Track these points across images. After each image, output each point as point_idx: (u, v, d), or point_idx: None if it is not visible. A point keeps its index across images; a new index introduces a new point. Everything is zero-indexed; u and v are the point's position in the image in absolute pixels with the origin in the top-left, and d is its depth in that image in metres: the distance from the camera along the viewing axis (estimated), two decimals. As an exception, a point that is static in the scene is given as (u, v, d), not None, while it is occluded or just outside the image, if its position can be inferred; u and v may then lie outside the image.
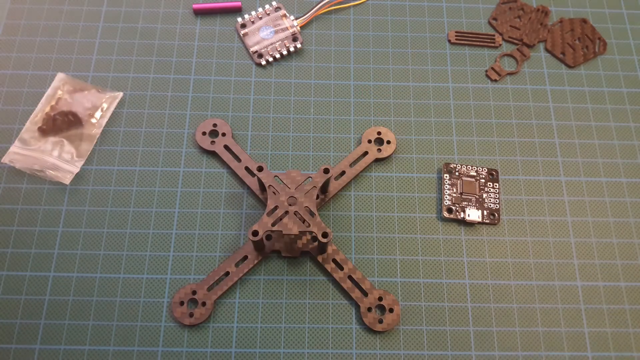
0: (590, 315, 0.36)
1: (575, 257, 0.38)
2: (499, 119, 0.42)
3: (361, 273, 0.36)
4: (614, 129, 0.42)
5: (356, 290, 0.35)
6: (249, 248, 0.36)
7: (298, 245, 0.36)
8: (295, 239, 0.36)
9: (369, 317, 0.35)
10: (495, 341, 0.35)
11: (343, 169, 0.39)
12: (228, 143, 0.40)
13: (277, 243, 0.36)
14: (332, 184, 0.38)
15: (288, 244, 0.36)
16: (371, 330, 0.35)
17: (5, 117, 0.41)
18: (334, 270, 0.36)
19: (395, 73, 0.44)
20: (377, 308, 0.35)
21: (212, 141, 0.40)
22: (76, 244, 0.37)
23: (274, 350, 0.35)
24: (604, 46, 0.45)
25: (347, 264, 0.36)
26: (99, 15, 0.45)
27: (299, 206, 0.33)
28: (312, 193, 0.34)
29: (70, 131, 0.40)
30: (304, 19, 0.44)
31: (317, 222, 0.33)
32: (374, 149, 0.40)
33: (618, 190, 0.40)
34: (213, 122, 0.40)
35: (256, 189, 0.38)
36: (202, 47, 0.44)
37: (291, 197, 0.34)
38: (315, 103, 0.42)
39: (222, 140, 0.40)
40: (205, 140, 0.40)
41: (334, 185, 0.38)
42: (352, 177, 0.39)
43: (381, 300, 0.35)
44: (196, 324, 0.35)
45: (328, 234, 0.32)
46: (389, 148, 0.40)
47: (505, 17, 0.46)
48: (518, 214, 0.39)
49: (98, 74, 0.42)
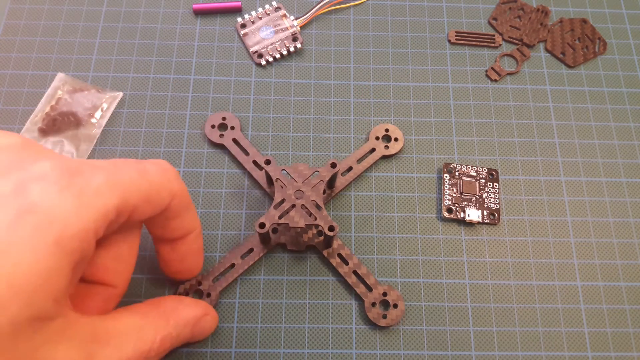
0: (590, 315, 0.36)
1: (575, 257, 0.38)
2: (499, 119, 0.42)
3: (366, 268, 0.36)
4: (614, 129, 0.42)
5: (361, 285, 0.35)
6: (255, 241, 0.36)
7: (304, 239, 0.36)
8: (302, 232, 0.36)
9: (373, 312, 0.35)
10: (495, 341, 0.35)
11: (350, 164, 0.39)
12: (236, 137, 0.40)
13: (282, 236, 0.36)
14: (338, 180, 0.39)
15: (294, 237, 0.36)
16: (373, 328, 0.35)
17: (5, 117, 0.41)
18: (339, 265, 0.36)
19: (395, 73, 0.44)
20: (381, 303, 0.35)
21: (221, 134, 0.40)
22: (76, 244, 0.37)
23: (274, 350, 0.35)
24: (604, 46, 0.45)
25: (352, 259, 0.36)
26: (99, 15, 0.45)
27: (305, 199, 0.34)
28: (319, 187, 0.34)
29: (70, 131, 0.40)
30: (304, 19, 0.44)
31: (324, 215, 0.33)
32: (382, 146, 0.40)
33: (618, 190, 0.40)
34: (222, 116, 0.40)
35: (263, 182, 0.38)
36: (202, 47, 0.44)
37: (298, 191, 0.34)
38: (315, 103, 0.42)
39: (231, 133, 0.40)
40: (214, 133, 0.40)
41: (341, 181, 0.39)
42: (359, 173, 0.39)
43: (385, 296, 0.35)
44: None
45: (334, 227, 0.33)
46: (396, 145, 0.40)
47: (505, 17, 0.46)
48: (518, 214, 0.39)
49: (98, 74, 0.42)
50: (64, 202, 0.22)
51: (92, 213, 0.22)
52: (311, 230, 0.36)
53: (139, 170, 0.26)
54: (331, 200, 0.39)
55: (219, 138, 0.40)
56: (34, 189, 0.21)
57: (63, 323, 0.23)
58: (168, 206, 0.27)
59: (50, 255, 0.21)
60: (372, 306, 0.35)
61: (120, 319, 0.26)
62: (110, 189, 0.24)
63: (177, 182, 0.28)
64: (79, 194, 0.22)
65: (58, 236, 0.21)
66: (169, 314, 0.29)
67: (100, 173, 0.24)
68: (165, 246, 0.31)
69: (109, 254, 0.28)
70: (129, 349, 0.25)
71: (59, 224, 0.21)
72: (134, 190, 0.25)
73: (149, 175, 0.26)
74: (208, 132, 0.40)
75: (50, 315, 0.21)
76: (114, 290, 0.28)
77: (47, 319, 0.21)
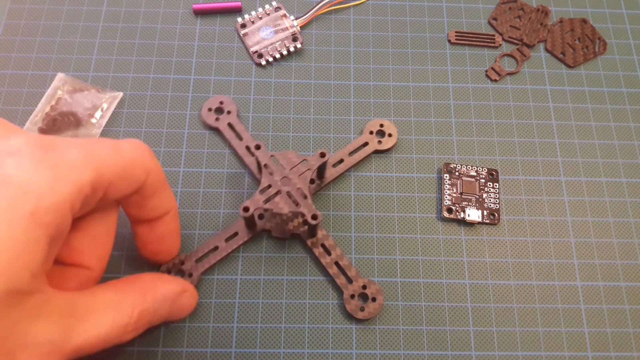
0: (590, 315, 0.36)
1: (575, 257, 0.38)
2: (499, 119, 0.42)
3: (348, 260, 0.36)
4: (613, 129, 0.42)
5: (341, 276, 0.36)
6: (240, 225, 0.37)
7: (289, 227, 0.36)
8: (287, 220, 0.36)
9: (352, 304, 0.35)
10: (495, 341, 0.35)
11: (342, 157, 0.39)
12: (232, 121, 0.40)
13: (268, 223, 0.37)
14: (328, 170, 0.39)
15: (279, 224, 0.36)
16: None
17: (5, 117, 0.41)
18: (322, 255, 0.36)
19: (395, 73, 0.44)
20: (360, 296, 0.36)
21: (217, 118, 0.40)
22: (76, 244, 0.37)
23: (274, 350, 0.35)
24: (604, 46, 0.45)
25: (335, 250, 0.36)
26: (99, 15, 0.45)
27: (292, 187, 0.34)
28: (306, 175, 0.34)
29: (70, 131, 0.40)
30: (304, 19, 0.44)
31: (308, 204, 0.33)
32: (375, 141, 0.40)
33: (618, 190, 0.40)
34: (220, 100, 0.41)
35: (254, 169, 0.39)
36: (202, 47, 0.44)
37: (285, 178, 0.34)
38: (315, 103, 0.42)
39: (227, 117, 0.40)
40: (210, 117, 0.40)
41: (331, 172, 0.39)
42: (350, 166, 0.39)
43: (365, 289, 0.35)
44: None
45: (317, 216, 0.33)
46: (390, 141, 0.40)
47: (505, 17, 0.46)
48: (518, 214, 0.39)
49: (98, 74, 0.42)
50: (38, 175, 0.22)
51: (67, 186, 0.23)
52: (297, 219, 0.37)
53: (113, 146, 0.26)
54: (331, 200, 0.39)
55: (215, 122, 0.40)
56: (8, 163, 0.22)
57: (41, 298, 0.23)
58: (144, 184, 0.28)
59: (26, 228, 0.21)
60: (351, 298, 0.35)
61: (98, 294, 0.27)
62: (85, 164, 0.24)
63: (152, 160, 0.28)
64: (54, 167, 0.22)
65: (33, 209, 0.21)
66: (146, 289, 0.29)
67: (74, 148, 0.24)
68: (143, 227, 0.31)
69: (86, 236, 0.28)
70: (107, 323, 0.26)
71: (34, 197, 0.21)
72: (109, 166, 0.25)
73: (123, 152, 0.26)
74: (204, 115, 0.40)
75: (27, 289, 0.22)
76: (91, 273, 0.28)
77: (25, 293, 0.22)
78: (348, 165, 0.39)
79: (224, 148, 0.40)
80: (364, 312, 0.35)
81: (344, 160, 0.39)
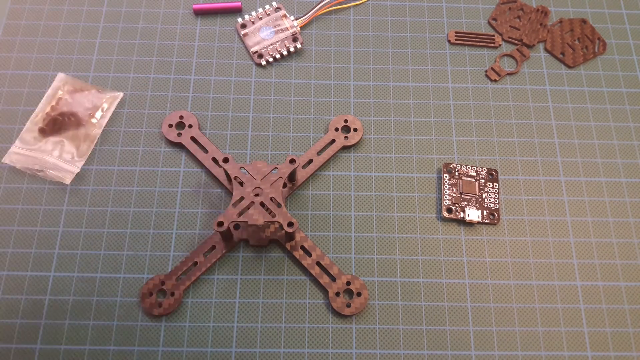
0: (590, 315, 0.36)
1: (575, 257, 0.38)
2: (498, 119, 0.42)
3: (329, 259, 0.36)
4: (613, 129, 0.42)
5: (324, 275, 0.36)
6: (216, 238, 0.37)
7: (266, 234, 0.36)
8: (263, 227, 0.36)
9: (337, 301, 0.35)
10: (495, 341, 0.35)
11: (310, 157, 0.39)
12: (195, 135, 0.40)
13: (244, 232, 0.37)
14: (299, 173, 0.39)
15: (256, 232, 0.37)
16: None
17: (6, 117, 0.41)
18: (302, 257, 0.36)
19: (395, 73, 0.44)
20: (345, 293, 0.36)
21: (179, 133, 0.40)
22: (76, 244, 0.37)
23: (274, 350, 0.35)
24: (603, 46, 0.45)
25: (315, 250, 0.36)
26: (99, 16, 0.45)
27: (264, 197, 0.34)
28: (278, 184, 0.34)
29: (70, 131, 0.40)
30: (304, 19, 0.44)
31: (283, 212, 0.33)
32: (341, 137, 0.40)
33: (618, 190, 0.40)
34: (179, 114, 0.40)
35: (223, 179, 0.38)
36: (202, 47, 0.44)
37: (257, 188, 0.34)
38: (315, 103, 0.42)
39: (189, 132, 0.40)
40: (171, 133, 0.40)
41: (302, 174, 0.39)
42: (319, 165, 0.39)
43: (349, 285, 0.35)
44: (165, 314, 0.35)
45: (293, 223, 0.33)
46: (356, 135, 0.40)
47: (505, 18, 0.46)
48: (518, 214, 0.39)
49: (98, 74, 0.43)
50: None
51: None
52: (273, 224, 0.37)
53: None
54: (331, 200, 0.39)
55: (177, 137, 0.40)
56: None
57: None
58: None
59: None
60: (337, 296, 0.35)
61: None
62: None
63: None
64: None
65: None
66: None
67: None
68: None
69: None
70: None
71: None
72: None
73: None
74: (165, 132, 0.40)
75: None
76: None
77: None
78: (317, 165, 0.39)
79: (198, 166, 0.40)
80: (351, 307, 0.35)
81: (313, 161, 0.39)
